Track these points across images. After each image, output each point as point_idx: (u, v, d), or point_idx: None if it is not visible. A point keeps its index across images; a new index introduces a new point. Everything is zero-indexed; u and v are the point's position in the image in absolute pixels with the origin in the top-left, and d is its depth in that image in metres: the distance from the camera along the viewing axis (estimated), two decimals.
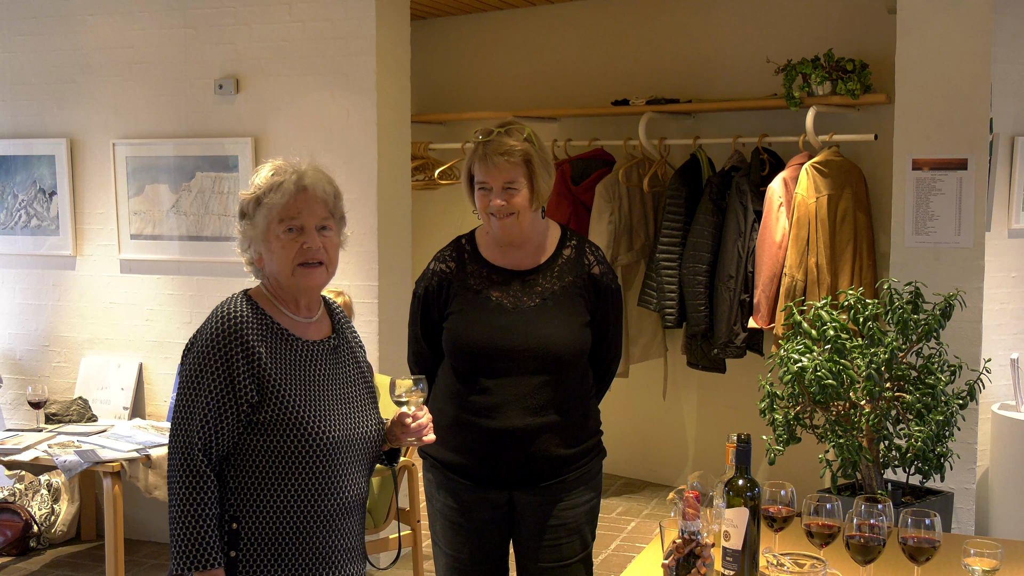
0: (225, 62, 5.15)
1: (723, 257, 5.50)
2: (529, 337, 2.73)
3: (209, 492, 2.22)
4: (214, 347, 2.26)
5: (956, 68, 4.61)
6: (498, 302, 2.76)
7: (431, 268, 2.86)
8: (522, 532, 2.84)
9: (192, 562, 2.20)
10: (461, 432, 2.76)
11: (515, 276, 2.80)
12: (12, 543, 5.17)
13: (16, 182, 5.58)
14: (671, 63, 6.18)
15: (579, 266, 2.84)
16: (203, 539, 2.20)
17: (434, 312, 2.83)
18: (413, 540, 4.43)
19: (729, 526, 2.36)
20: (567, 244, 2.87)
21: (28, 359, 5.63)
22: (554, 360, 2.75)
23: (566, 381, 2.79)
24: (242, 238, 2.39)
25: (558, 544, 2.81)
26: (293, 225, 2.32)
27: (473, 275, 2.80)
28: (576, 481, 2.83)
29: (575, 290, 2.81)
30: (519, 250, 2.82)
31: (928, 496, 3.88)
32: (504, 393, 2.73)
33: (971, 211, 4.62)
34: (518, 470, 2.76)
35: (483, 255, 2.84)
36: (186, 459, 2.22)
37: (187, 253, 5.27)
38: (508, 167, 2.69)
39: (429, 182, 6.66)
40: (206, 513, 2.21)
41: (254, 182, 2.36)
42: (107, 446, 4.67)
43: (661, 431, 6.32)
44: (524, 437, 2.73)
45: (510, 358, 2.73)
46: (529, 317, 2.75)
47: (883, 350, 3.40)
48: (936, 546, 2.32)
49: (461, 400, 2.77)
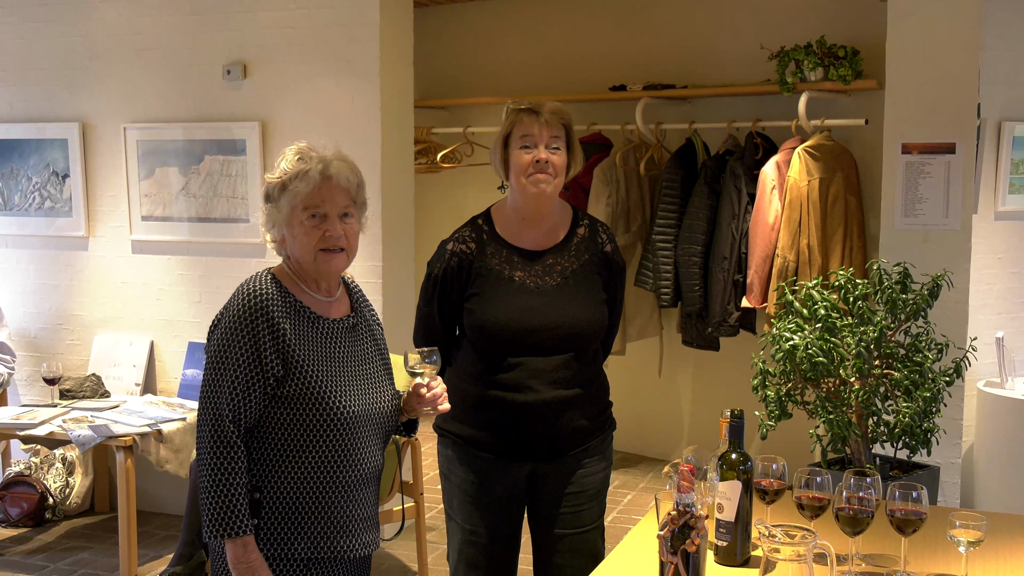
0: (233, 48, 5.14)
1: (717, 238, 5.50)
2: (554, 317, 2.73)
3: (239, 462, 2.24)
4: (242, 323, 2.27)
5: (945, 55, 4.60)
6: (521, 283, 2.75)
7: (449, 249, 2.81)
8: (542, 501, 2.84)
9: (224, 529, 2.21)
10: (487, 409, 2.75)
11: (535, 256, 2.79)
12: (28, 514, 5.20)
13: (30, 165, 5.57)
14: (667, 49, 6.17)
15: (593, 244, 2.84)
16: (234, 507, 2.22)
17: (454, 293, 2.80)
18: (416, 512, 4.45)
19: (722, 498, 2.37)
20: (580, 223, 2.86)
21: (43, 337, 5.64)
22: (578, 338, 2.76)
23: (586, 356, 2.81)
24: (267, 219, 2.40)
25: (578, 511, 2.82)
26: (316, 212, 2.32)
27: (494, 256, 2.78)
28: (594, 450, 2.85)
29: (592, 268, 2.81)
30: (536, 229, 2.81)
31: (915, 470, 3.89)
32: (531, 370, 2.72)
33: (959, 194, 4.62)
34: (544, 442, 2.77)
35: (501, 235, 2.81)
36: (217, 430, 2.23)
37: (196, 234, 5.27)
38: (555, 124, 2.70)
39: (432, 166, 6.66)
40: (237, 482, 2.23)
41: (280, 166, 2.36)
42: (120, 421, 4.68)
43: (657, 407, 6.34)
44: (552, 410, 2.74)
45: (536, 337, 2.72)
46: (552, 297, 2.75)
47: (872, 329, 3.40)
48: (923, 518, 2.33)
49: (487, 378, 2.76)
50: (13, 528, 5.18)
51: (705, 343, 5.71)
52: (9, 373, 5.24)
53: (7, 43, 5.55)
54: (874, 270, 3.60)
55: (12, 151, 5.60)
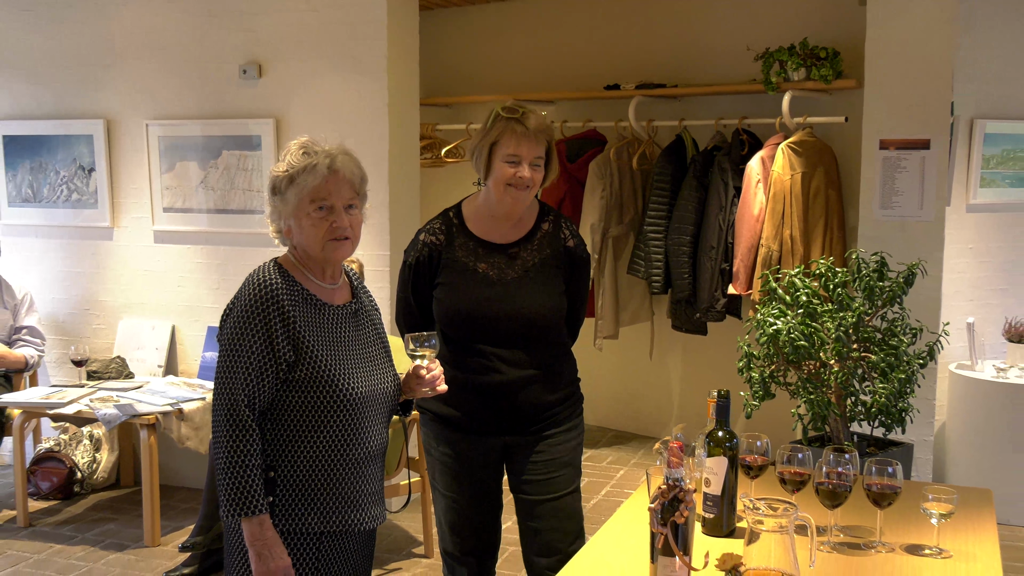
0: (248, 48, 5.13)
1: (705, 229, 5.50)
2: (512, 306, 2.76)
3: (254, 443, 2.23)
4: (253, 312, 2.26)
5: (921, 56, 4.60)
6: (484, 274, 2.77)
7: (421, 240, 2.84)
8: (517, 470, 2.88)
9: (240, 509, 2.20)
10: (458, 390, 2.76)
11: (499, 249, 2.81)
12: (58, 488, 5.21)
13: (57, 159, 5.57)
14: (659, 50, 6.15)
15: (556, 240, 2.85)
16: (250, 488, 2.21)
17: (424, 281, 2.84)
18: (422, 486, 4.46)
19: (710, 473, 2.38)
20: (545, 219, 2.88)
21: (70, 321, 5.64)
22: (534, 325, 2.79)
23: (546, 340, 2.83)
24: (272, 211, 2.38)
25: (551, 478, 2.84)
26: (324, 204, 2.31)
27: (461, 248, 2.80)
28: (562, 421, 2.87)
29: (553, 262, 2.83)
30: (504, 223, 2.82)
31: (890, 447, 3.90)
32: (493, 353, 2.76)
33: (933, 187, 4.62)
34: (510, 418, 2.81)
35: (470, 228, 2.83)
36: (232, 414, 2.22)
37: (215, 225, 5.27)
38: (540, 143, 2.70)
39: (436, 160, 6.65)
40: (252, 463, 2.22)
41: (287, 160, 2.34)
42: (143, 400, 4.69)
43: (648, 388, 6.35)
44: (512, 389, 2.78)
45: (496, 324, 2.76)
46: (512, 288, 2.77)
47: (851, 314, 3.41)
48: (897, 492, 2.34)
49: (456, 361, 2.79)
50: (44, 501, 5.20)
51: (693, 328, 5.71)
52: (39, 355, 5.25)
53: (36, 43, 5.54)
54: (853, 259, 3.61)
55: (41, 146, 5.60)
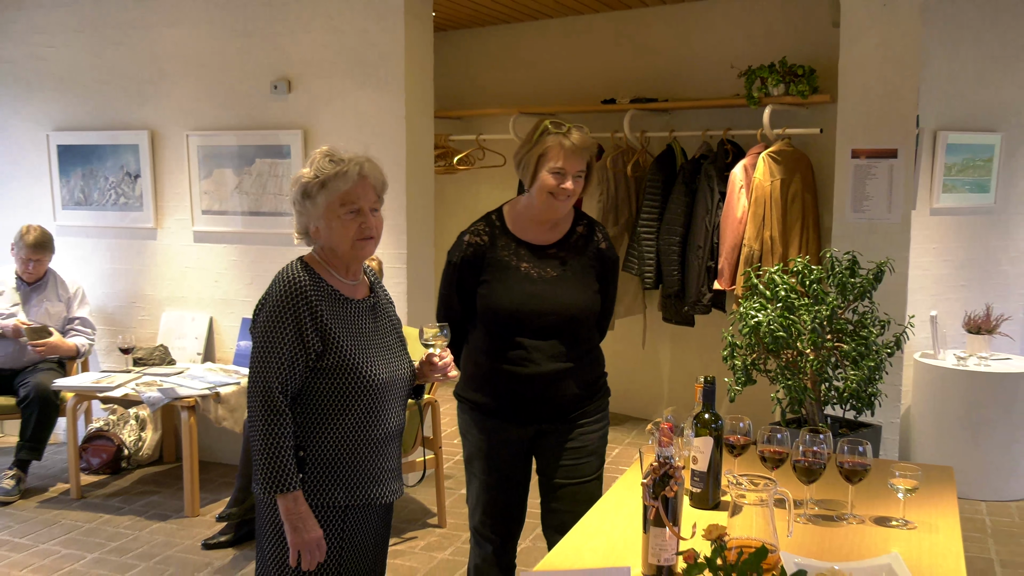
0: (279, 67, 5.13)
1: (693, 230, 5.49)
2: (552, 302, 2.71)
3: (287, 426, 2.22)
4: (284, 307, 2.24)
5: (889, 73, 4.58)
6: (526, 272, 2.73)
7: (466, 240, 2.79)
8: (546, 457, 2.84)
9: (276, 487, 2.20)
10: (497, 380, 2.74)
11: (539, 250, 2.77)
12: (107, 464, 5.22)
13: (107, 167, 5.58)
14: (651, 68, 6.14)
15: (590, 243, 2.82)
16: (284, 467, 2.20)
17: (469, 278, 2.78)
18: (436, 463, 4.47)
19: (697, 452, 2.38)
20: (580, 223, 2.84)
21: (118, 313, 5.65)
22: (571, 320, 2.74)
23: (580, 335, 2.79)
24: (300, 214, 2.35)
25: (578, 464, 2.81)
26: (353, 208, 2.30)
27: (504, 248, 2.76)
28: (591, 412, 2.83)
29: (587, 263, 2.79)
30: (543, 226, 2.79)
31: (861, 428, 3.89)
32: (532, 347, 2.71)
33: (900, 193, 4.60)
34: (544, 407, 2.76)
35: (511, 230, 2.79)
36: (267, 400, 2.22)
37: (248, 226, 5.27)
38: (582, 159, 2.68)
39: (449, 167, 6.65)
40: (285, 444, 2.21)
41: (315, 167, 2.31)
42: (184, 385, 4.70)
43: (641, 374, 6.35)
44: (548, 380, 2.73)
45: (536, 319, 2.71)
46: (551, 285, 2.73)
47: (825, 308, 3.40)
48: (867, 469, 2.34)
49: (495, 354, 2.75)
50: (94, 475, 5.21)
51: (682, 320, 5.71)
52: (90, 344, 5.26)
53: (88, 62, 5.55)
54: (827, 257, 3.60)
55: (92, 155, 5.60)
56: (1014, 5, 5.42)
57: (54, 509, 4.70)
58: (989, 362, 4.97)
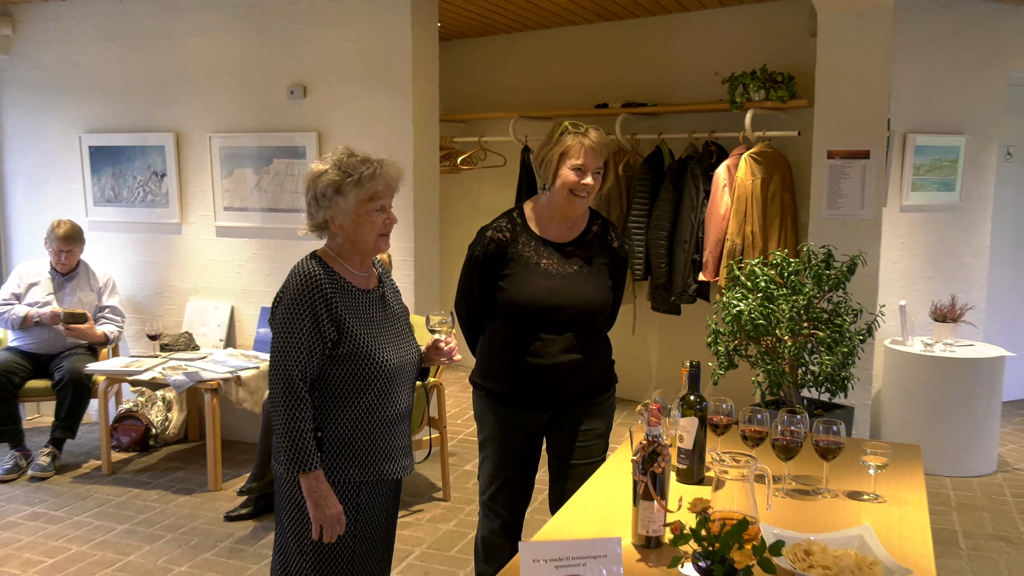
0: (295, 73, 5.11)
1: (680, 226, 5.49)
2: (570, 298, 2.68)
3: (307, 410, 2.22)
4: (301, 300, 2.23)
5: (862, 80, 4.57)
6: (545, 268, 2.70)
7: (488, 236, 2.75)
8: (558, 440, 2.82)
9: (299, 466, 2.19)
10: (514, 370, 2.72)
11: (557, 247, 2.74)
12: (136, 442, 5.23)
13: (135, 167, 5.57)
14: (640, 75, 6.13)
15: (604, 241, 2.79)
16: (305, 448, 2.20)
17: (489, 272, 2.75)
18: (441, 441, 4.47)
19: (683, 431, 2.38)
20: (595, 223, 2.81)
21: (146, 303, 5.65)
22: (587, 314, 2.71)
23: (593, 328, 2.76)
24: (324, 208, 2.29)
25: (588, 445, 2.79)
26: (380, 205, 2.28)
27: (524, 244, 2.72)
28: (600, 400, 2.82)
29: (602, 260, 2.77)
30: (561, 225, 2.75)
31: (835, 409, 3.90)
32: (548, 338, 2.69)
33: (872, 191, 4.60)
34: (558, 395, 2.74)
35: (531, 227, 2.76)
36: (288, 386, 2.21)
37: (267, 222, 5.27)
38: (600, 157, 2.65)
39: (453, 167, 6.64)
40: (306, 427, 2.21)
41: (346, 164, 2.27)
42: (207, 369, 4.70)
43: (631, 359, 6.35)
44: (562, 369, 2.70)
45: (554, 312, 2.68)
46: (569, 281, 2.70)
47: (802, 298, 3.40)
48: (841, 447, 2.34)
49: (514, 345, 2.72)
50: (124, 452, 5.21)
51: (669, 309, 5.71)
52: (119, 331, 5.26)
53: (117, 69, 5.53)
54: (804, 251, 3.60)
55: (121, 155, 5.59)
56: (978, 17, 5.42)
57: (87, 484, 4.71)
58: (954, 348, 4.98)
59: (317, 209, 2.30)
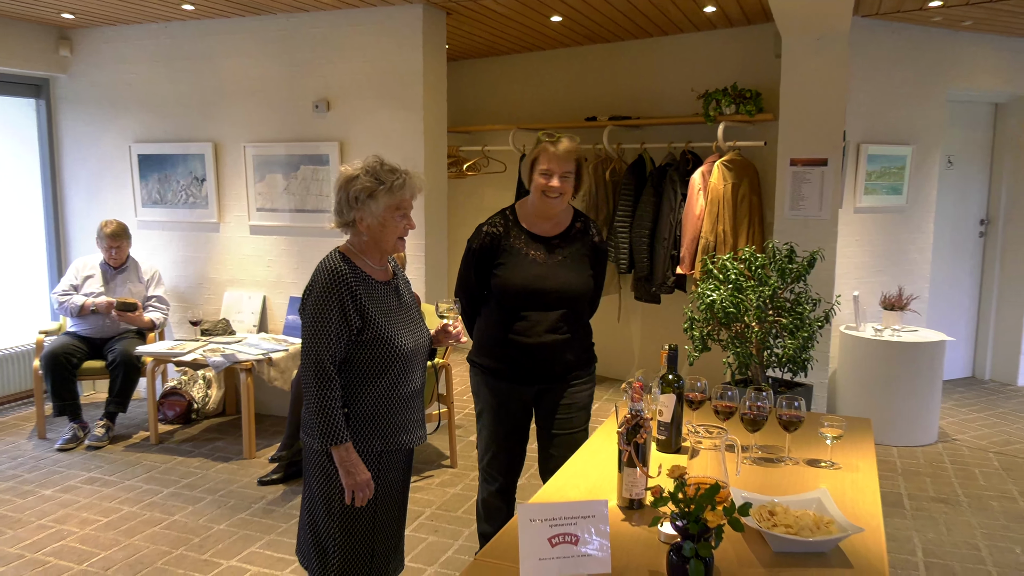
0: (320, 90, 5.10)
1: (660, 225, 5.48)
2: (554, 282, 2.70)
3: (336, 389, 2.21)
4: (328, 293, 2.22)
5: (821, 96, 4.56)
6: (533, 258, 2.72)
7: (484, 230, 2.77)
8: (544, 411, 2.83)
9: (331, 440, 2.20)
10: (505, 348, 2.73)
11: (544, 240, 2.75)
12: (180, 415, 5.23)
13: (178, 172, 5.55)
14: (625, 91, 6.11)
15: (586, 236, 2.80)
16: (336, 423, 2.20)
17: (485, 261, 2.77)
18: (449, 415, 4.47)
19: (663, 406, 2.38)
20: (578, 220, 2.82)
21: (188, 293, 5.65)
22: (571, 298, 2.73)
23: (576, 311, 2.77)
24: (355, 208, 2.27)
25: (570, 417, 2.81)
26: (404, 212, 2.28)
27: (516, 238, 2.74)
28: (582, 376, 2.82)
29: (584, 252, 2.78)
30: (547, 222, 2.77)
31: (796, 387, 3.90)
32: (536, 320, 2.70)
33: (829, 194, 4.60)
34: (545, 371, 2.75)
35: (522, 224, 2.78)
36: (320, 369, 2.20)
37: (295, 221, 5.25)
38: (567, 161, 2.64)
39: (459, 173, 6.63)
40: (336, 405, 2.20)
41: (378, 173, 2.25)
42: (242, 351, 4.70)
43: (616, 342, 6.35)
44: (549, 348, 2.72)
45: (542, 296, 2.69)
46: (555, 269, 2.72)
47: (768, 289, 3.40)
48: (802, 420, 2.34)
49: (506, 325, 2.73)
50: (169, 425, 5.22)
51: (650, 298, 5.71)
52: (164, 318, 5.25)
53: (163, 87, 5.52)
54: (769, 247, 3.59)
55: (166, 163, 5.58)
56: (923, 41, 5.40)
57: (137, 452, 4.71)
58: (900, 333, 4.98)
59: (348, 209, 2.28)
